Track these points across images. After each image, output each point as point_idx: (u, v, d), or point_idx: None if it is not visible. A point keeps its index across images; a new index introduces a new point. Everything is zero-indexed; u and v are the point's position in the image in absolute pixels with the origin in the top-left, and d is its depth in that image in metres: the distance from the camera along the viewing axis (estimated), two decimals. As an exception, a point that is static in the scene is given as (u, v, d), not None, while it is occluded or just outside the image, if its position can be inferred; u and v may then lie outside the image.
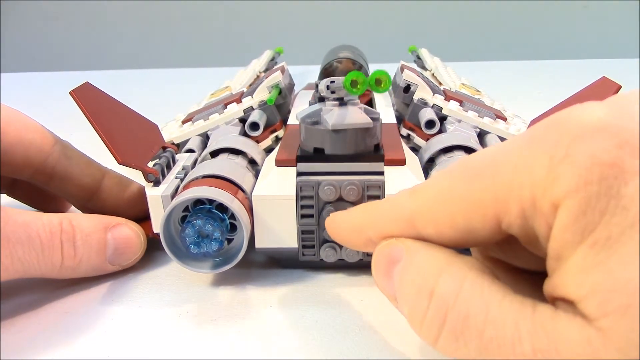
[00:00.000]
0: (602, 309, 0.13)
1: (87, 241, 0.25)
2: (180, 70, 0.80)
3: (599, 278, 0.14)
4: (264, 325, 0.24)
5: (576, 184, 0.14)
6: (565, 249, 0.14)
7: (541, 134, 0.15)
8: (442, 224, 0.17)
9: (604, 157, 0.14)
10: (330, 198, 0.25)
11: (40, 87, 0.74)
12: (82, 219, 0.26)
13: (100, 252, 0.26)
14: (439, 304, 0.16)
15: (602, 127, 0.14)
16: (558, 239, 0.15)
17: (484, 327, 0.15)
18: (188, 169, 0.29)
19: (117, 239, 0.26)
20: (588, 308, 0.14)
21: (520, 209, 0.15)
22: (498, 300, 0.15)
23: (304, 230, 0.26)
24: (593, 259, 0.14)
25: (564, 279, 0.15)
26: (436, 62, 0.50)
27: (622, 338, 0.13)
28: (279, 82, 0.35)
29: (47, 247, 0.24)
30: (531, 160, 0.15)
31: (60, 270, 0.25)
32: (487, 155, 0.17)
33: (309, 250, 0.26)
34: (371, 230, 0.19)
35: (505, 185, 0.15)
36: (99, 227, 0.26)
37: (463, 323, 0.16)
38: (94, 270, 0.26)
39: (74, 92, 0.26)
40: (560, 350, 0.14)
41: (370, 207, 0.20)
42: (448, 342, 0.16)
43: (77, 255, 0.25)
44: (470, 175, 0.16)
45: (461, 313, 0.16)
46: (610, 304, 0.13)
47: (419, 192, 0.18)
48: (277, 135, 0.35)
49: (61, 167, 0.28)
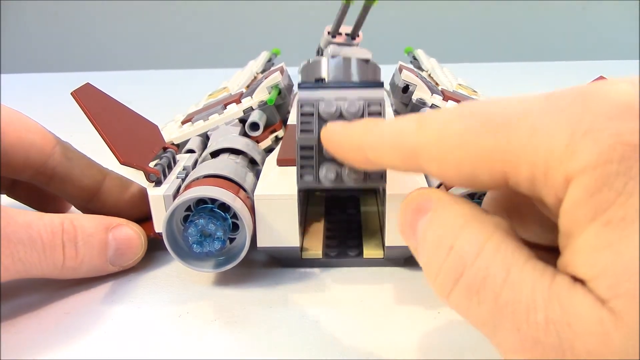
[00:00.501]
0: (612, 291, 0.13)
1: (88, 241, 0.25)
2: (178, 72, 0.80)
3: (610, 259, 0.13)
4: (264, 325, 0.24)
5: (595, 161, 0.14)
6: (576, 226, 0.14)
7: (565, 104, 0.15)
8: (447, 165, 0.16)
9: (629, 137, 0.14)
10: (330, 110, 0.24)
11: (40, 88, 0.74)
12: (83, 219, 0.26)
13: (102, 252, 0.26)
14: (456, 259, 0.16)
15: (630, 106, 0.14)
16: (569, 214, 0.14)
17: (501, 290, 0.15)
18: (189, 169, 0.29)
19: (118, 239, 0.26)
20: (599, 288, 0.14)
21: (531, 174, 0.15)
22: (520, 264, 0.15)
23: (302, 145, 0.24)
24: (605, 238, 0.14)
25: (574, 257, 0.14)
26: (432, 63, 0.51)
27: (635, 323, 0.13)
28: (279, 82, 0.35)
29: (49, 248, 0.24)
30: (552, 129, 0.14)
31: (62, 270, 0.25)
32: (506, 110, 0.16)
33: (307, 170, 0.24)
34: (370, 152, 0.19)
35: (519, 147, 0.15)
36: (100, 228, 0.26)
37: (480, 282, 0.15)
38: (95, 270, 0.26)
39: (75, 92, 0.26)
40: (572, 325, 0.14)
41: (372, 126, 0.19)
42: (461, 299, 0.16)
43: (79, 256, 0.25)
44: (486, 129, 0.16)
45: (480, 272, 0.15)
46: (621, 287, 0.13)
47: (428, 125, 0.17)
48: (277, 135, 0.35)
49: (62, 168, 0.28)
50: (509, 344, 0.15)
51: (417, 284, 0.27)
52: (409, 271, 0.28)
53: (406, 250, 0.27)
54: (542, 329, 0.14)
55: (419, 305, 0.25)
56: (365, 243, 0.29)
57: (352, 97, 0.23)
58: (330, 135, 0.21)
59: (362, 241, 0.29)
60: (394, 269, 0.28)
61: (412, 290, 0.26)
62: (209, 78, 0.59)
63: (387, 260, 0.28)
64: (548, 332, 0.14)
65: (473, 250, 0.16)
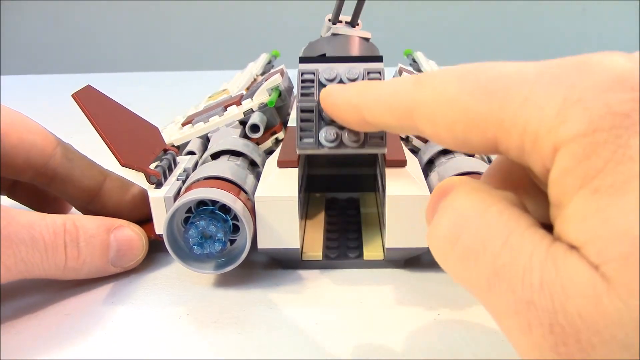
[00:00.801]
0: (602, 257, 0.13)
1: (90, 242, 0.25)
2: (178, 74, 0.80)
3: (599, 225, 0.14)
4: (264, 326, 0.24)
5: (585, 130, 0.14)
6: (565, 195, 0.14)
7: (559, 73, 0.15)
8: (441, 126, 0.17)
9: (619, 107, 0.14)
10: (330, 76, 0.24)
11: (40, 89, 0.74)
12: (85, 220, 0.26)
13: (103, 253, 0.26)
14: (458, 217, 0.16)
15: (623, 78, 0.14)
16: (558, 183, 0.15)
17: (500, 252, 0.15)
18: (189, 171, 0.29)
19: (119, 240, 0.26)
20: (589, 254, 0.14)
21: (520, 142, 0.15)
22: (522, 229, 0.15)
23: (303, 109, 0.24)
24: (593, 205, 0.14)
25: (565, 226, 0.15)
26: (432, 65, 0.51)
27: (625, 287, 0.13)
28: (279, 84, 0.35)
29: (51, 248, 0.24)
30: (544, 98, 0.15)
31: (64, 271, 0.25)
32: (502, 76, 0.16)
33: (307, 134, 0.24)
34: (367, 111, 0.19)
35: (511, 114, 0.15)
36: (102, 229, 0.26)
37: (480, 243, 0.15)
38: (96, 271, 0.26)
39: (76, 94, 0.26)
40: (565, 288, 0.14)
41: (370, 86, 0.19)
42: (459, 259, 0.16)
43: (81, 256, 0.25)
44: (480, 93, 0.16)
45: (480, 232, 0.15)
46: (610, 252, 0.13)
47: (425, 84, 0.17)
48: (277, 137, 0.35)
49: (63, 169, 0.28)
50: (502, 307, 0.15)
51: (417, 285, 0.27)
52: (409, 273, 0.28)
53: (406, 251, 0.27)
54: (537, 291, 0.14)
55: (419, 307, 0.25)
56: (365, 245, 0.29)
57: (351, 66, 0.24)
58: (329, 95, 0.21)
59: (362, 243, 0.29)
60: (394, 270, 0.28)
61: (412, 292, 0.26)
62: (208, 80, 0.59)
63: (387, 261, 0.28)
64: (542, 294, 0.14)
65: (476, 211, 0.16)
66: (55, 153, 0.28)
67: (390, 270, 0.28)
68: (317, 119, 0.24)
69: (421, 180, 0.27)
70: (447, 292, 0.26)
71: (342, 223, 0.32)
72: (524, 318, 0.14)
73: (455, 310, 0.25)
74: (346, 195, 0.35)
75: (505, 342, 0.22)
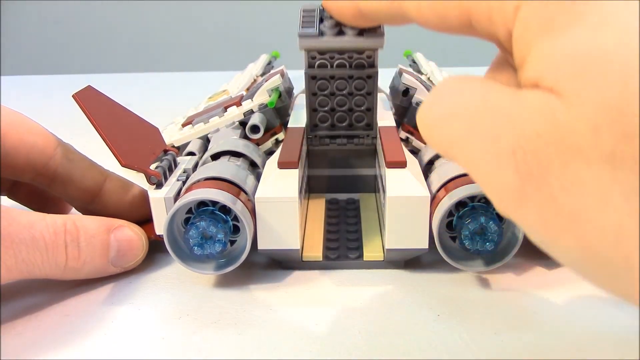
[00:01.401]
0: (555, 77, 0.14)
1: (90, 242, 0.25)
2: (178, 74, 0.80)
3: (553, 54, 0.15)
4: (265, 327, 0.24)
5: None
6: (526, 47, 0.16)
7: None
8: (424, 5, 0.19)
9: None
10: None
11: (40, 89, 0.74)
12: (85, 220, 0.26)
13: (104, 253, 0.26)
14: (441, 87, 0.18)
15: None
16: (519, 39, 0.16)
17: (478, 108, 0.16)
18: (189, 171, 0.30)
19: (119, 240, 0.26)
20: (545, 81, 0.15)
21: (488, 9, 0.17)
22: (500, 90, 0.16)
23: (305, 9, 0.28)
24: (549, 43, 0.15)
25: (525, 71, 0.16)
26: (432, 66, 0.51)
27: (576, 96, 0.14)
28: (279, 85, 0.36)
29: (51, 248, 0.24)
30: None
31: (64, 271, 0.25)
32: None
33: (308, 25, 0.27)
34: (362, 4, 0.22)
35: None
36: (102, 229, 0.26)
37: (462, 106, 0.16)
38: (96, 271, 0.26)
39: (76, 95, 0.26)
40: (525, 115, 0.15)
41: None
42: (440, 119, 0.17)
43: (81, 256, 0.25)
44: None
45: (463, 96, 0.17)
46: (562, 71, 0.14)
47: None
48: (278, 138, 0.36)
49: (63, 169, 0.28)
50: (475, 155, 0.16)
51: (417, 286, 0.27)
52: (409, 273, 0.28)
53: (406, 252, 0.27)
54: (503, 127, 0.15)
55: (419, 307, 0.25)
56: (365, 245, 0.29)
57: None
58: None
59: (362, 243, 0.29)
60: (394, 271, 0.28)
61: (412, 292, 0.26)
62: (208, 81, 0.59)
63: (387, 262, 0.28)
64: (507, 129, 0.15)
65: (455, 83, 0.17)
66: (55, 154, 0.28)
67: (390, 271, 0.28)
68: (317, 15, 0.28)
69: (421, 181, 0.27)
70: (447, 292, 0.26)
71: (342, 224, 0.32)
72: (493, 155, 0.15)
73: (455, 310, 0.25)
74: (346, 195, 0.35)
75: (505, 342, 0.23)
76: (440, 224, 0.25)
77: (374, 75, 0.31)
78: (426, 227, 0.26)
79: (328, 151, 0.34)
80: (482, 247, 0.25)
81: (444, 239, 0.26)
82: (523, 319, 0.24)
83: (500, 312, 0.25)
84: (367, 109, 0.32)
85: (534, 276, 0.27)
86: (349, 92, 0.32)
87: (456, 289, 0.26)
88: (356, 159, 0.34)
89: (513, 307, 0.25)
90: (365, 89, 0.32)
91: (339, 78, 0.31)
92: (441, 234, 0.26)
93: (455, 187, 0.25)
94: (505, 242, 0.26)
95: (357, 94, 0.32)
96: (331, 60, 0.31)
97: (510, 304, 0.25)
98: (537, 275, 0.27)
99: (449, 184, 0.26)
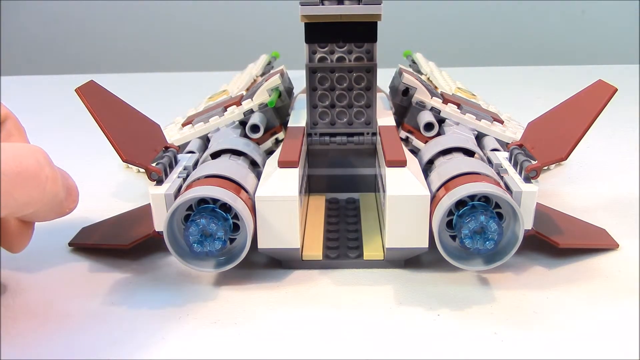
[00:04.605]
0: None
1: (55, 168, 0.23)
2: (178, 75, 0.80)
3: None
4: (264, 326, 0.24)
5: None
6: None
7: None
8: None
9: None
10: None
11: (40, 89, 0.74)
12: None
13: (62, 182, 0.23)
14: None
15: None
16: None
17: None
18: (190, 169, 0.29)
19: (63, 176, 0.24)
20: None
21: None
22: None
23: None
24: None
25: None
26: (431, 66, 0.51)
27: None
28: (279, 85, 0.36)
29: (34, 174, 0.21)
30: None
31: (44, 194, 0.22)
32: None
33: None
34: None
35: None
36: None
37: None
38: (58, 204, 0.24)
39: (79, 89, 0.26)
40: None
41: None
42: None
43: (56, 178, 0.23)
44: None
45: None
46: None
47: None
48: (277, 138, 0.35)
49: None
50: None
51: (417, 285, 0.27)
52: (409, 273, 0.28)
53: (406, 251, 0.27)
54: None
55: (419, 307, 0.25)
56: (365, 245, 0.29)
57: None
58: None
59: (362, 243, 0.29)
60: (394, 270, 0.28)
61: (412, 292, 0.26)
62: (208, 81, 0.59)
63: (387, 261, 0.28)
64: None
65: None
66: None
67: (390, 270, 0.28)
68: None
69: (421, 180, 0.27)
70: (447, 292, 0.26)
71: (342, 223, 0.32)
72: None
73: (455, 310, 0.25)
74: (346, 195, 0.35)
75: (505, 342, 0.22)
76: (440, 223, 0.25)
77: (372, 69, 0.31)
78: (426, 226, 0.26)
79: (328, 150, 0.34)
80: (482, 246, 0.25)
81: (444, 238, 0.26)
82: (523, 318, 0.24)
83: (500, 312, 0.25)
84: (366, 105, 0.32)
85: (534, 276, 0.27)
86: (348, 87, 0.32)
87: (456, 288, 0.26)
88: (356, 158, 0.34)
89: (513, 307, 0.25)
90: (365, 84, 0.32)
91: (339, 72, 0.31)
92: (441, 233, 0.26)
93: (455, 186, 0.25)
94: (505, 241, 0.26)
95: (357, 89, 0.32)
96: (331, 55, 0.31)
97: (510, 303, 0.25)
98: (537, 275, 0.27)
99: (449, 183, 0.26)
